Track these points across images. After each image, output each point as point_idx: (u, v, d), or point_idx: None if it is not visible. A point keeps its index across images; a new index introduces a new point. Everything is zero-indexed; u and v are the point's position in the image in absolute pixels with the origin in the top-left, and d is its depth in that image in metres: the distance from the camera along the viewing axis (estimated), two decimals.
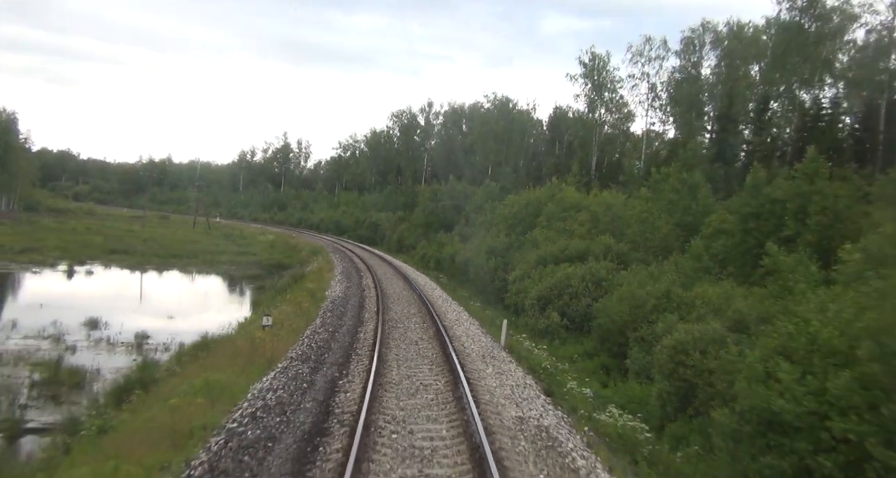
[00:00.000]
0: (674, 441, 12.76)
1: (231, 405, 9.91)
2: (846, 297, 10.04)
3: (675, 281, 20.41)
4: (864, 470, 7.68)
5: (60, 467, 7.98)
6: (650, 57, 56.37)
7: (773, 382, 9.19)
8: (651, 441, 12.21)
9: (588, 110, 62.08)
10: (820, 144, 36.23)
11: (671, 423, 13.79)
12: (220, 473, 7.28)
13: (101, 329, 21.15)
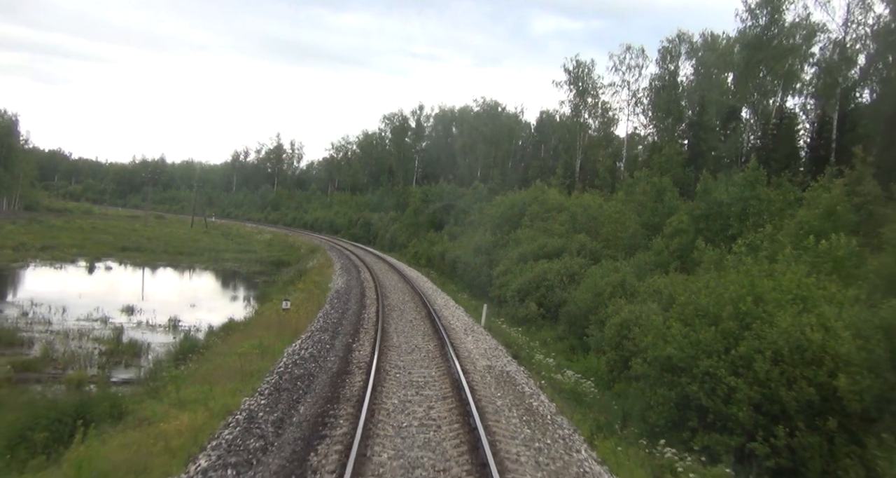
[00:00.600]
0: (616, 396, 16.52)
1: (276, 358, 13.57)
2: (724, 278, 13.87)
3: (630, 273, 24.26)
4: (716, 391, 11.48)
5: (172, 389, 11.58)
6: (630, 65, 60.35)
7: (669, 337, 12.99)
8: (594, 393, 15.98)
9: (572, 115, 66.00)
10: (780, 152, 40.46)
11: (616, 384, 17.59)
12: (282, 390, 10.97)
13: (136, 315, 24.70)
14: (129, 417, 9.88)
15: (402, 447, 8.45)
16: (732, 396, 11.40)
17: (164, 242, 53.23)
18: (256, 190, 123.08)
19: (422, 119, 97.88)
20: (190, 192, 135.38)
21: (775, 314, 11.68)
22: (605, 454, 9.36)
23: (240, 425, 9.07)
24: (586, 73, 64.36)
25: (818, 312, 11.58)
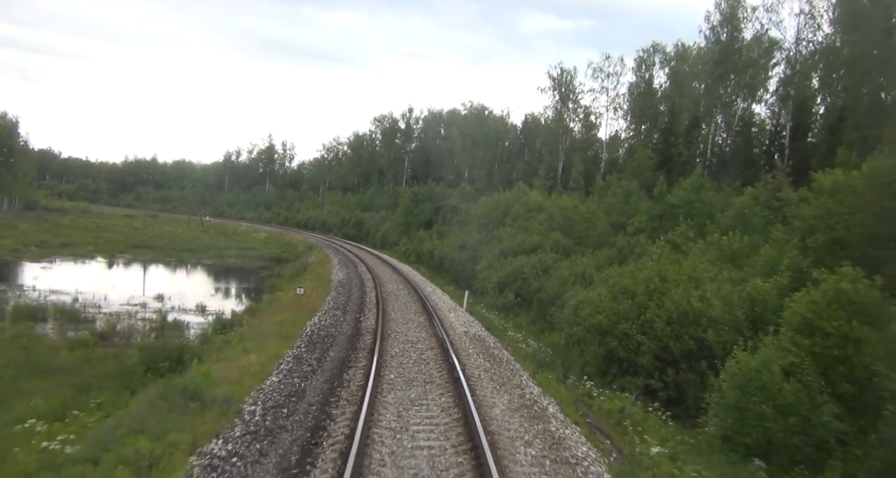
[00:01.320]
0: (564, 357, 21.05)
1: (303, 326, 17.99)
2: (643, 265, 18.48)
3: (590, 265, 28.90)
4: (629, 346, 16.07)
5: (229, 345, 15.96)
6: (608, 73, 65.25)
7: (600, 309, 17.58)
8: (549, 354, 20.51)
9: (555, 119, 70.75)
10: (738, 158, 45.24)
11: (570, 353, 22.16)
12: (315, 344, 15.42)
13: (166, 301, 29.01)
14: (211, 359, 14.30)
15: (403, 372, 12.95)
16: (640, 349, 16.02)
17: (169, 240, 57.43)
18: (249, 190, 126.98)
19: (411, 121, 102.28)
20: (182, 191, 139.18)
21: (672, 290, 16.29)
22: (541, 381, 13.90)
23: (292, 362, 13.54)
24: (569, 80, 69.17)
25: (702, 288, 16.20)
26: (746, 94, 49.72)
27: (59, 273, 36.27)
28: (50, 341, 18.15)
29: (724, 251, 19.50)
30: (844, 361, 11.92)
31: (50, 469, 8.12)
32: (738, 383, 12.17)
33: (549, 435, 9.74)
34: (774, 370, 11.89)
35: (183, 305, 28.20)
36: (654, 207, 33.42)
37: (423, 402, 10.92)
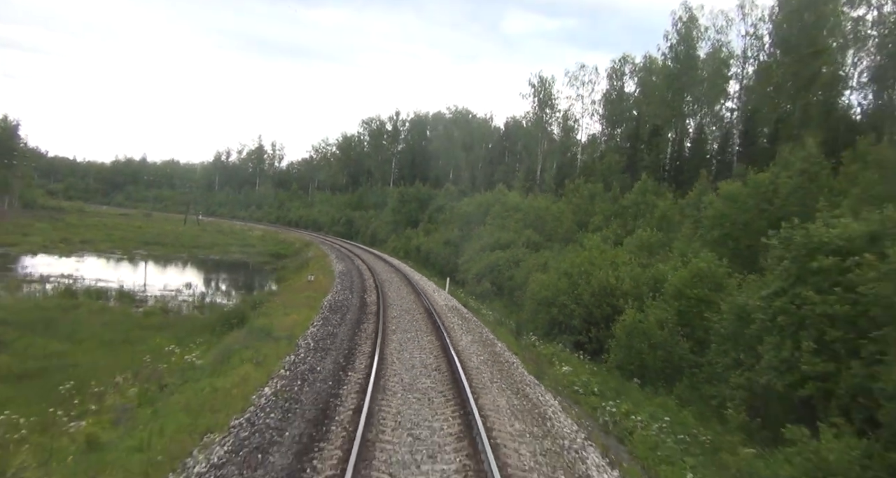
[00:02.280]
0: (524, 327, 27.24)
1: (321, 301, 24.04)
2: (579, 254, 24.71)
3: (552, 257, 35.07)
4: (565, 312, 22.30)
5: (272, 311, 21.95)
6: (584, 81, 71.72)
7: (546, 287, 23.79)
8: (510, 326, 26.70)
9: (534, 124, 77.11)
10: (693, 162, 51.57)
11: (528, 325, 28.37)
12: (335, 311, 21.51)
13: (194, 288, 34.90)
14: (264, 318, 20.32)
15: (400, 325, 19.11)
16: (573, 314, 22.25)
17: (175, 238, 63.09)
18: (240, 189, 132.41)
19: (398, 124, 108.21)
20: (173, 191, 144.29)
21: (597, 272, 22.54)
22: (497, 333, 20.09)
23: (322, 320, 19.60)
24: (548, 87, 75.64)
25: (619, 270, 22.44)
26: (702, 106, 56.35)
27: (93, 266, 41.90)
28: (127, 312, 24.08)
29: (643, 244, 25.77)
30: (698, 315, 18.16)
31: (195, 368, 14.15)
32: (627, 331, 18.42)
33: (494, 353, 15.96)
34: (651, 321, 18.15)
35: (208, 291, 34.10)
36: (609, 207, 39.74)
37: (416, 339, 17.10)
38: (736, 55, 53.00)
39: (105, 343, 18.03)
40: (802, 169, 22.65)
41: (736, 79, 53.00)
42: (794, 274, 13.24)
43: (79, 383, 12.35)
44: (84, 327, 19.97)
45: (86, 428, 9.96)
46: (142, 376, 13.32)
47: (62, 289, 28.16)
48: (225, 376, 12.77)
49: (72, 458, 8.64)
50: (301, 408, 10.49)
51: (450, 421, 10.12)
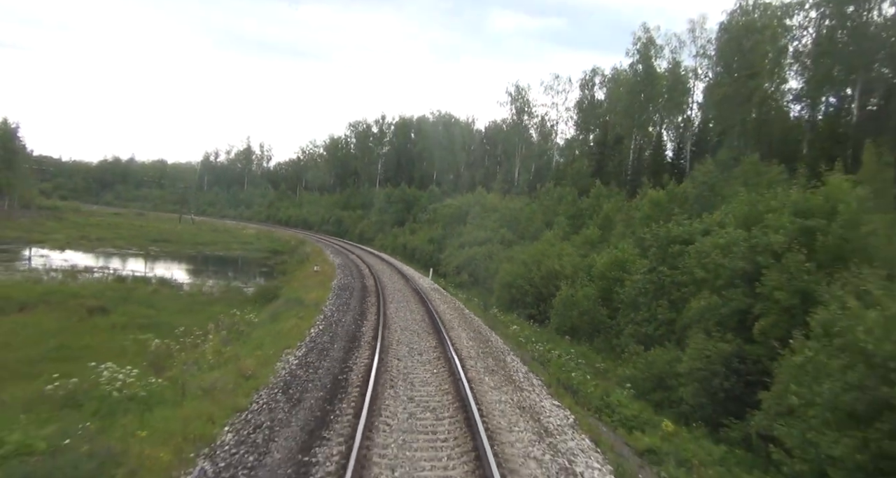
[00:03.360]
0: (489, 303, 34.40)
1: (330, 284, 31.00)
2: (535, 247, 31.84)
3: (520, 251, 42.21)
4: (522, 291, 29.45)
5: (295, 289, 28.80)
6: (558, 90, 79.17)
7: (508, 273, 30.92)
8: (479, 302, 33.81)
9: (512, 130, 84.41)
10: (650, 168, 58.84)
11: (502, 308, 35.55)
12: (343, 290, 28.50)
13: (213, 278, 41.60)
14: (290, 293, 27.21)
15: (395, 298, 26.18)
16: (527, 293, 29.41)
17: (178, 236, 69.57)
18: (228, 189, 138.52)
19: (384, 127, 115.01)
20: (161, 190, 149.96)
21: (545, 260, 29.66)
22: (468, 306, 27.19)
23: (335, 296, 26.56)
24: (524, 96, 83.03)
25: (562, 260, 29.58)
26: (662, 117, 63.83)
27: (117, 260, 48.47)
28: (175, 294, 30.89)
29: (587, 239, 32.96)
30: (612, 290, 25.32)
31: (256, 323, 21.06)
32: (562, 301, 25.58)
33: (463, 315, 23.12)
34: (579, 295, 25.31)
35: (227, 280, 40.89)
36: (569, 209, 46.95)
37: (408, 306, 24.18)
38: (689, 73, 60.50)
39: (179, 311, 24.81)
40: (703, 180, 29.92)
41: (689, 94, 60.47)
42: (658, 257, 20.44)
43: (184, 330, 19.20)
44: (155, 301, 26.78)
45: (210, 347, 16.84)
46: (222, 326, 20.17)
47: (114, 277, 34.87)
48: (281, 324, 19.73)
49: (213, 356, 15.52)
50: (339, 337, 17.51)
51: (430, 341, 17.23)
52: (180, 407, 10.75)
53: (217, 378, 12.61)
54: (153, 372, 13.71)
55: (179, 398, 11.35)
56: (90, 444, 8.25)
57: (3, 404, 11.75)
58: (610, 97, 73.63)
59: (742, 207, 17.28)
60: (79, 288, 29.03)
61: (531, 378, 14.37)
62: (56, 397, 11.28)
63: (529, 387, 13.42)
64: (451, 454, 8.98)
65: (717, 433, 13.40)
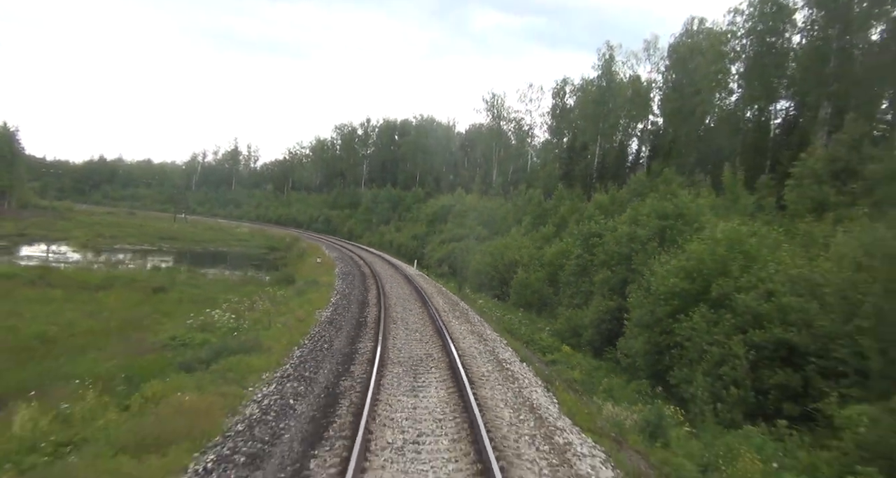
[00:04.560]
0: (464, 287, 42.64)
1: (333, 272, 38.97)
2: (500, 241, 40.04)
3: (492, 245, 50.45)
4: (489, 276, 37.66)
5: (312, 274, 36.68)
6: (531, 98, 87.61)
7: (478, 262, 39.09)
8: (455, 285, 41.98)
9: (489, 135, 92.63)
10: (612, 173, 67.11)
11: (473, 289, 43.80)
12: (346, 275, 36.50)
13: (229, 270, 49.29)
14: (305, 278, 35.13)
15: (389, 280, 34.27)
16: (493, 278, 37.63)
17: (180, 234, 77.02)
18: (216, 189, 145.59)
19: (369, 129, 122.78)
20: (149, 189, 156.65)
21: (507, 252, 37.83)
22: (447, 286, 35.32)
23: (341, 280, 34.57)
24: (500, 103, 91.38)
25: (521, 251, 37.75)
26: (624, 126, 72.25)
27: (138, 255, 56.00)
28: (206, 280, 38.63)
29: (543, 236, 41.15)
30: (556, 273, 33.48)
31: (287, 297, 29.02)
32: (518, 283, 33.76)
33: (442, 292, 31.36)
34: (532, 277, 33.49)
35: (240, 270, 48.63)
36: (535, 209, 55.20)
37: (399, 285, 32.32)
38: (648, 84, 68.97)
39: (221, 290, 32.59)
40: (634, 188, 38.25)
41: (647, 106, 68.95)
42: (583, 247, 28.65)
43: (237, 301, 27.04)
44: (197, 284, 34.59)
45: (263, 308, 24.73)
46: (264, 298, 28.04)
47: (150, 266, 42.56)
48: (307, 296, 27.70)
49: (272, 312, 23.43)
50: (353, 302, 25.56)
51: (416, 304, 25.42)
52: (270, 330, 18.74)
53: (284, 320, 20.63)
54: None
55: (267, 327, 19.33)
56: (243, 337, 16.28)
57: (164, 331, 19.71)
58: (578, 105, 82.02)
59: (631, 212, 25.52)
60: (133, 274, 36.77)
61: (483, 323, 22.58)
62: (195, 325, 19.24)
63: (481, 326, 21.64)
64: (430, 346, 17.12)
65: (601, 356, 21.62)
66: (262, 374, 13.34)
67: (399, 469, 8.45)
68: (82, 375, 13.31)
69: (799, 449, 11.61)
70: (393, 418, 10.68)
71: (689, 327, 15.55)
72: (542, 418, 11.43)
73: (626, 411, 13.20)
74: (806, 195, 25.30)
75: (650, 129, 69.13)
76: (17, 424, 10.23)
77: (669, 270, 17.37)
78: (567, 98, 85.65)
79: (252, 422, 10.23)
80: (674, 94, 61.71)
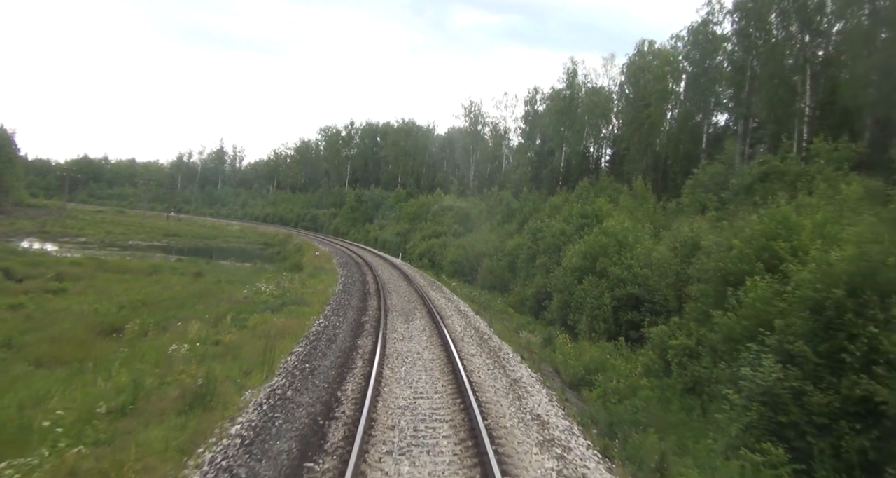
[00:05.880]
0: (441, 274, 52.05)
1: (332, 262, 48.05)
2: (471, 236, 49.39)
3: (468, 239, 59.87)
4: (461, 265, 47.02)
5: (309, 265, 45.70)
6: (506, 105, 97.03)
7: (451, 255, 48.37)
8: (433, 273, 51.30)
9: (467, 139, 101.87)
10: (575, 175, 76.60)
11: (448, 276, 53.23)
12: (343, 265, 45.64)
13: (238, 261, 58.11)
14: (311, 266, 44.18)
15: (380, 268, 43.48)
16: (465, 266, 46.98)
17: (182, 231, 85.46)
18: (203, 188, 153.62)
19: (352, 132, 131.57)
20: (135, 189, 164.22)
21: (476, 245, 47.13)
22: (427, 274, 44.62)
23: (340, 268, 43.70)
24: (477, 109, 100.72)
25: (488, 245, 47.08)
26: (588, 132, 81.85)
27: (154, 249, 64.52)
28: (226, 268, 47.48)
29: (508, 232, 50.51)
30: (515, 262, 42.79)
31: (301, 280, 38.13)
32: (485, 269, 43.09)
33: (424, 276, 40.70)
34: (495, 265, 42.83)
35: (249, 262, 57.48)
36: (504, 209, 64.59)
37: (390, 270, 41.62)
38: (608, 95, 78.63)
39: (246, 275, 41.51)
40: (579, 192, 47.71)
41: (606, 116, 78.64)
42: (532, 239, 38.01)
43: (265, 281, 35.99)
44: (224, 270, 43.50)
45: (288, 285, 33.73)
46: (285, 279, 36.99)
47: (174, 258, 51.31)
48: (319, 278, 36.80)
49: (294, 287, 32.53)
50: (356, 282, 34.77)
51: (403, 282, 34.81)
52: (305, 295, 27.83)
53: (310, 291, 29.74)
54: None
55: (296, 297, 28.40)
56: (292, 297, 25.45)
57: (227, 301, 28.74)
58: (547, 113, 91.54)
59: (564, 212, 34.92)
60: (170, 263, 45.60)
61: (453, 295, 31.94)
62: (252, 293, 28.30)
63: (451, 296, 31.00)
64: (416, 304, 26.45)
65: (537, 317, 30.94)
66: (312, 316, 22.46)
67: (403, 345, 17.71)
68: (200, 315, 22.33)
69: (627, 352, 21.00)
70: (397, 330, 19.96)
71: (582, 289, 24.91)
72: (481, 333, 20.79)
73: (534, 336, 22.58)
74: (695, 200, 34.81)
75: (610, 136, 78.82)
76: (191, 331, 19.25)
77: (574, 252, 26.76)
78: (538, 105, 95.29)
79: (320, 330, 19.42)
80: (628, 107, 71.42)
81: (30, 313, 23.19)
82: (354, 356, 16.19)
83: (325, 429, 10.52)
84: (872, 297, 12.66)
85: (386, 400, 12.27)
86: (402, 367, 15.24)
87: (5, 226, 70.04)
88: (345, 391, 12.80)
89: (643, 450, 11.91)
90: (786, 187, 28.90)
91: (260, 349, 16.00)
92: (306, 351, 16.54)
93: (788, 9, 46.94)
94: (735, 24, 53.08)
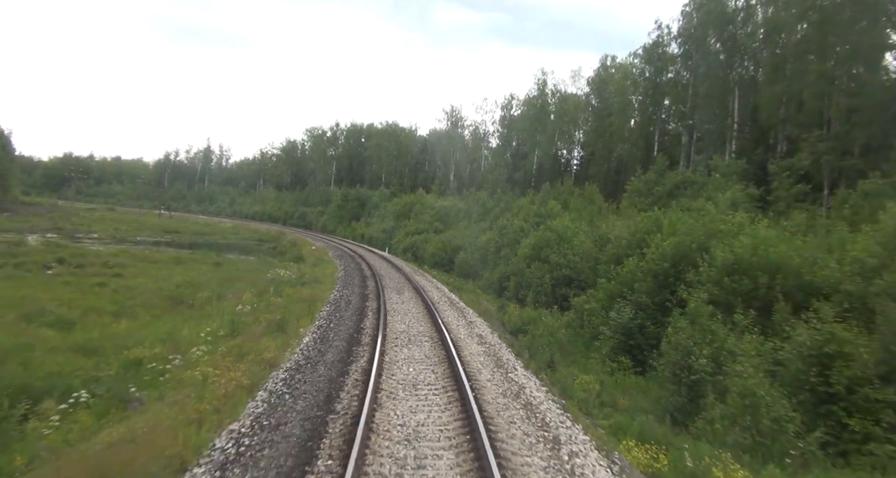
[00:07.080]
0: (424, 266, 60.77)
1: (330, 254, 56.49)
2: (450, 231, 58.07)
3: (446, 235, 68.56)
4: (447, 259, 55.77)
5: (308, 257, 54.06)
6: (486, 110, 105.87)
7: (434, 250, 57.07)
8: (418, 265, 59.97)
9: (447, 141, 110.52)
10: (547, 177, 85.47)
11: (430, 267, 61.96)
12: (340, 257, 54.11)
13: (242, 255, 66.32)
14: (313, 258, 52.59)
15: (372, 258, 52.03)
16: (443, 258, 55.70)
17: (180, 228, 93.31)
18: (189, 186, 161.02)
19: (337, 132, 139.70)
20: (122, 186, 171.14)
21: (454, 240, 55.78)
22: (411, 265, 53.24)
23: (338, 259, 52.16)
24: (458, 114, 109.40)
25: (464, 240, 55.73)
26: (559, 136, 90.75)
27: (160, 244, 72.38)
28: (233, 260, 55.75)
29: (481, 228, 59.12)
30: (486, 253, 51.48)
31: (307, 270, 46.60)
32: (460, 261, 51.78)
33: (410, 266, 49.32)
34: (469, 257, 51.52)
35: (254, 256, 65.69)
36: (480, 208, 73.30)
37: (382, 261, 50.28)
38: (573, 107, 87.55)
39: (254, 265, 49.73)
40: (543, 194, 56.45)
41: (575, 122, 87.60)
42: (498, 234, 46.71)
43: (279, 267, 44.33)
44: (233, 262, 51.74)
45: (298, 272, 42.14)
46: (293, 268, 45.32)
47: (186, 251, 59.48)
48: (322, 267, 45.28)
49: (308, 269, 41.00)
50: (354, 270, 43.31)
51: (393, 270, 43.60)
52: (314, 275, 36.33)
53: (319, 275, 38.22)
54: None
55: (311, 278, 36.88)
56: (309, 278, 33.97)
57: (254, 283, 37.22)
58: (521, 119, 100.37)
59: (523, 212, 43.62)
60: (188, 255, 53.75)
61: (433, 280, 40.61)
62: (275, 276, 36.75)
63: (432, 280, 39.75)
64: (404, 284, 35.19)
65: (500, 296, 39.58)
66: (328, 291, 30.94)
67: (398, 305, 26.38)
68: (247, 290, 30.76)
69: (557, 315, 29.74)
70: (392, 298, 28.62)
71: (530, 273, 33.64)
72: (453, 301, 29.54)
73: (491, 305, 31.30)
74: (634, 203, 43.66)
75: (578, 141, 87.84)
76: (244, 299, 27.64)
77: (526, 244, 35.50)
78: (514, 110, 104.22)
79: (338, 298, 27.97)
80: (594, 116, 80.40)
81: (115, 289, 31.43)
82: (366, 310, 24.87)
83: (359, 337, 19.18)
84: (685, 268, 21.51)
85: (392, 328, 20.98)
86: (399, 315, 23.92)
87: (20, 223, 77.40)
88: (364, 326, 21.42)
89: (544, 356, 20.59)
90: (693, 193, 38.00)
91: (302, 308, 24.57)
92: (332, 309, 25.18)
93: (723, 36, 56.15)
94: (680, 48, 62.29)
